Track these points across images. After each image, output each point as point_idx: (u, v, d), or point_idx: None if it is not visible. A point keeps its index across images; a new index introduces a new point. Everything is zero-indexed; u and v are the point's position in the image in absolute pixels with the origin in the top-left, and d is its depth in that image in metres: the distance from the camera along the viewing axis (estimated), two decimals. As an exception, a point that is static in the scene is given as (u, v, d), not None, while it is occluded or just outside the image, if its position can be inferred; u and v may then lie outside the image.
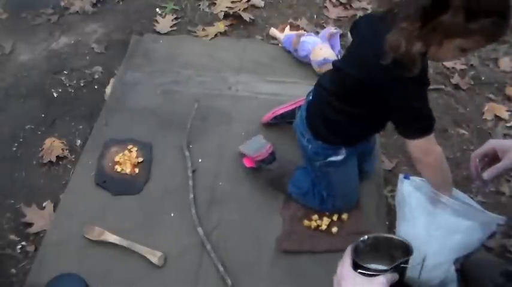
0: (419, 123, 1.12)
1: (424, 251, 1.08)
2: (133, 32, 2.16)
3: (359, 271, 0.96)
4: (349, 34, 1.58)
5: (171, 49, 2.07)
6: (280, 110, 1.69)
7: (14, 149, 1.71)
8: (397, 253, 1.03)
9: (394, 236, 1.09)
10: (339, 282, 0.97)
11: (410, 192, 1.21)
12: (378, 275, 0.94)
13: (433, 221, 1.16)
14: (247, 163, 1.56)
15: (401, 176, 1.26)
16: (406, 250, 1.02)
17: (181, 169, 1.61)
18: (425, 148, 1.13)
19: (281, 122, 1.70)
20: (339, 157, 1.34)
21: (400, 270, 0.98)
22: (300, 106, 1.65)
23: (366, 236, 1.05)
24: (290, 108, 1.68)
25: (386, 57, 1.00)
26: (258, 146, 1.56)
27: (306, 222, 1.48)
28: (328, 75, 1.31)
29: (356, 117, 1.23)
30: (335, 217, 1.49)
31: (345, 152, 1.33)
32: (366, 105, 1.18)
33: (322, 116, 1.30)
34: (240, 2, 2.27)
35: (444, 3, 0.91)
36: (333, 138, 1.31)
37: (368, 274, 0.95)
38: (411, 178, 1.24)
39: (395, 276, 0.96)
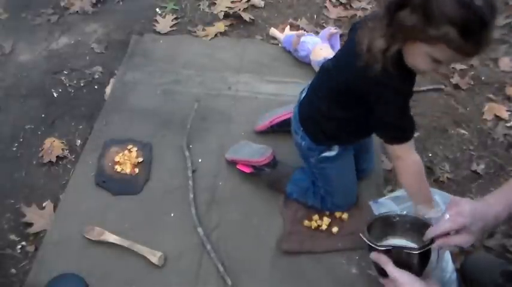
0: (393, 132, 1.12)
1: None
2: (133, 32, 2.16)
3: (383, 248, 0.99)
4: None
5: (171, 49, 2.07)
6: (277, 119, 1.67)
7: (14, 149, 1.71)
8: (415, 234, 1.05)
9: (420, 217, 1.09)
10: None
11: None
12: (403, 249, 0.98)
13: None
14: (244, 169, 1.56)
15: (370, 202, 1.31)
16: (425, 230, 1.02)
17: (181, 169, 1.61)
18: (397, 154, 1.14)
19: (278, 130, 1.68)
20: (333, 152, 1.35)
21: (427, 252, 1.00)
22: None
23: (395, 213, 1.09)
24: (288, 116, 1.66)
25: (360, 59, 1.01)
26: (256, 150, 1.55)
27: (306, 222, 1.48)
28: (319, 77, 1.32)
29: (344, 120, 1.24)
30: (335, 217, 1.49)
31: (338, 147, 1.34)
32: (350, 108, 1.19)
33: (313, 116, 1.31)
34: (240, 2, 2.27)
35: (404, 1, 0.91)
36: (323, 139, 1.32)
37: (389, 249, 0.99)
38: (379, 201, 1.25)
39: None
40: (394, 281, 0.99)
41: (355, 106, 1.18)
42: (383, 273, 1.01)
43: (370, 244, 1.01)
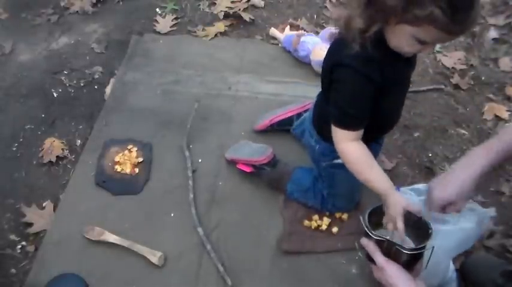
0: (336, 111, 1.11)
1: (433, 243, 1.08)
2: (133, 32, 2.16)
3: (377, 237, 1.01)
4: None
5: (171, 49, 2.07)
6: (277, 117, 1.67)
7: (14, 149, 1.71)
8: (417, 233, 1.07)
9: (422, 217, 1.09)
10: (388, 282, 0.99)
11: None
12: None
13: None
14: (244, 169, 1.55)
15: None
16: (425, 231, 1.03)
17: (181, 169, 1.61)
18: (336, 136, 1.14)
19: (277, 129, 1.69)
20: None
21: (418, 254, 1.02)
22: (299, 113, 1.65)
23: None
24: (288, 115, 1.67)
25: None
26: (256, 149, 1.56)
27: (306, 222, 1.48)
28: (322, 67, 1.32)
29: None
30: (335, 217, 1.49)
31: None
32: None
33: (325, 118, 1.29)
34: (240, 2, 2.27)
35: None
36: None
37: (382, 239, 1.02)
38: (400, 189, 1.24)
39: None
40: (381, 270, 1.00)
41: None
42: (371, 259, 1.03)
43: (367, 229, 1.02)
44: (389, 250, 1.02)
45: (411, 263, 1.03)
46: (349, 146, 1.13)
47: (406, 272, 1.00)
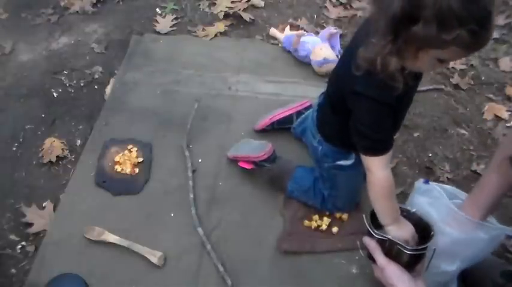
0: (365, 142, 1.10)
1: (435, 244, 1.08)
2: (133, 32, 2.16)
3: (379, 236, 1.02)
4: (350, 34, 1.58)
5: (171, 49, 2.07)
6: (277, 116, 1.68)
7: (14, 149, 1.71)
8: (418, 232, 1.08)
9: (423, 217, 1.09)
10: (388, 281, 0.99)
11: (428, 200, 1.21)
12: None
13: (444, 232, 1.16)
14: (245, 166, 1.56)
15: (421, 180, 1.26)
16: (428, 233, 1.04)
17: (181, 169, 1.61)
18: (368, 165, 1.11)
19: (277, 128, 1.69)
20: (348, 162, 1.33)
21: (419, 254, 1.03)
22: (298, 111, 1.65)
23: (405, 208, 1.12)
24: (287, 113, 1.67)
25: (359, 69, 0.98)
26: (255, 146, 1.56)
27: (306, 222, 1.48)
28: (329, 78, 1.32)
29: (343, 125, 1.21)
30: (335, 217, 1.49)
31: (355, 157, 1.31)
32: (343, 113, 1.16)
33: (328, 119, 1.30)
34: (240, 2, 2.27)
35: (414, 14, 0.85)
36: (339, 143, 1.31)
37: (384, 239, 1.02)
38: (430, 183, 1.23)
39: None
40: (382, 269, 1.01)
41: (345, 111, 1.15)
42: (372, 258, 1.03)
43: (369, 228, 1.03)
44: (391, 249, 1.03)
45: (412, 263, 1.03)
46: (383, 173, 1.10)
47: (406, 272, 1.01)
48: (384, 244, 1.04)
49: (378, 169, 1.10)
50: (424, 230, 1.06)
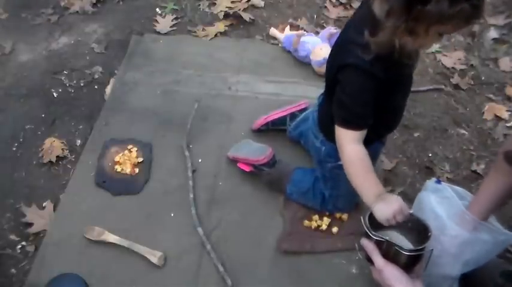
0: (343, 112, 1.12)
1: (433, 246, 1.08)
2: (133, 32, 2.16)
3: (377, 237, 1.01)
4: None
5: (171, 49, 2.07)
6: (272, 116, 1.67)
7: (14, 149, 1.71)
8: (415, 234, 1.07)
9: (421, 219, 1.09)
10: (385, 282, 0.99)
11: (437, 199, 1.21)
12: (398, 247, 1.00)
13: (449, 234, 1.16)
14: (244, 168, 1.56)
15: (433, 179, 1.26)
16: (425, 234, 1.03)
17: (181, 169, 1.61)
18: (339, 138, 1.14)
19: (271, 129, 1.69)
20: None
21: (417, 255, 1.03)
22: (292, 113, 1.65)
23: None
24: (282, 115, 1.66)
25: (369, 54, 1.00)
26: (256, 149, 1.56)
27: (306, 222, 1.48)
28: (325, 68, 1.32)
29: None
30: (335, 217, 1.49)
31: None
32: None
33: (330, 119, 1.30)
34: (240, 2, 2.27)
35: None
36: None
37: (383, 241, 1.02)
38: (442, 183, 1.23)
39: None
40: (380, 271, 1.00)
41: None
42: (370, 260, 1.03)
43: (367, 229, 1.02)
44: (389, 250, 1.03)
45: (410, 264, 1.03)
46: (352, 146, 1.12)
47: (404, 274, 1.00)
48: (381, 245, 1.04)
49: (348, 143, 1.12)
50: (421, 232, 1.06)
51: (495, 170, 1.15)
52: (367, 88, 1.07)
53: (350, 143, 1.12)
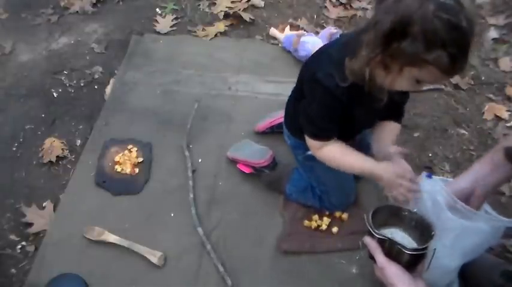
0: (311, 128, 1.20)
1: (435, 245, 1.07)
2: (133, 32, 2.16)
3: (380, 236, 1.01)
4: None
5: (171, 49, 2.07)
6: (277, 120, 1.67)
7: (14, 149, 1.71)
8: (419, 233, 1.07)
9: (425, 217, 1.09)
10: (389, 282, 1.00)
11: (429, 192, 1.21)
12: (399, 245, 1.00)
13: (446, 225, 1.15)
14: (244, 169, 1.56)
15: (424, 173, 1.26)
16: (429, 233, 1.04)
17: (181, 169, 1.61)
18: (309, 145, 1.23)
19: (276, 132, 1.69)
20: None
21: (419, 254, 1.02)
22: None
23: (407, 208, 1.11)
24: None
25: (345, 82, 1.04)
26: (256, 151, 1.56)
27: (306, 222, 1.48)
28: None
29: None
30: (335, 217, 1.49)
31: None
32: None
33: (292, 116, 1.34)
34: (240, 2, 2.27)
35: (403, 30, 0.90)
36: (300, 134, 1.31)
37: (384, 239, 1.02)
38: (433, 177, 1.23)
39: None
40: (382, 269, 1.01)
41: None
42: (373, 258, 1.04)
43: (369, 228, 1.03)
44: (391, 249, 1.03)
45: (413, 263, 1.03)
46: (324, 151, 1.21)
47: (406, 272, 1.00)
48: (384, 243, 1.04)
49: (320, 150, 1.21)
50: (425, 231, 1.06)
51: (486, 157, 1.14)
52: (333, 107, 1.13)
53: (321, 148, 1.21)
